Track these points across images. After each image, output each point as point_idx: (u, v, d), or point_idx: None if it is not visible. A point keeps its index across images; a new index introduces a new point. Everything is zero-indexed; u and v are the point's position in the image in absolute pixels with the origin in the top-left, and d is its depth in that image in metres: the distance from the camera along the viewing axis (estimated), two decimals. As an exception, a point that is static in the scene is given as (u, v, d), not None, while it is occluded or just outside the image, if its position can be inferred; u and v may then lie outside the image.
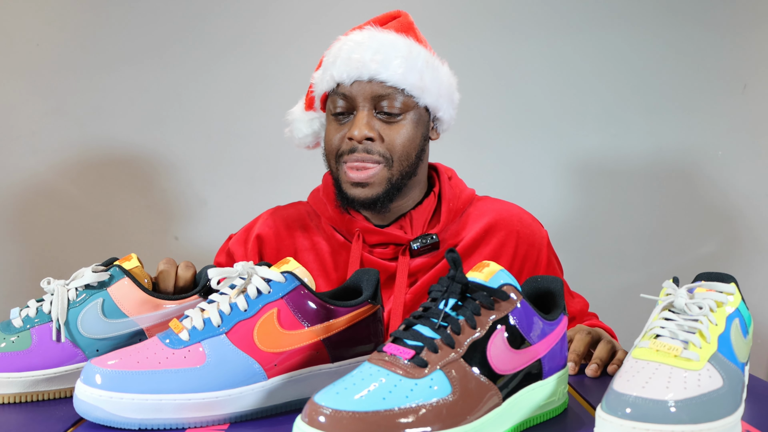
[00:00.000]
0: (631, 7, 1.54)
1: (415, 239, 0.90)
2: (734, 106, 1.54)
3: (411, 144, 0.87)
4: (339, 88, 0.86)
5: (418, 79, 0.86)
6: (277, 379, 0.53)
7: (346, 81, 0.85)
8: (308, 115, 0.95)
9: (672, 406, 0.40)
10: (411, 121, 0.87)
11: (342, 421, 0.40)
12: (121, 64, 1.47)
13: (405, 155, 0.87)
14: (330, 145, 0.89)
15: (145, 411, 0.49)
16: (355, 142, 0.84)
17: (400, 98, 0.85)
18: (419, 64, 0.86)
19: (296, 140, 0.96)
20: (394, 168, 0.86)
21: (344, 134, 0.87)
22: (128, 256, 0.64)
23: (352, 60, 0.84)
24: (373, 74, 0.84)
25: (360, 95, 0.85)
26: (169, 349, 0.51)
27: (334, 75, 0.85)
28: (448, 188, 0.94)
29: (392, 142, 0.86)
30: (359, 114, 0.85)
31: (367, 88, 0.85)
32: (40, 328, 0.59)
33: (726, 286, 0.50)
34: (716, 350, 0.46)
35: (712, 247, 1.55)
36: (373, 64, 0.84)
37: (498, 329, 0.47)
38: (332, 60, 0.87)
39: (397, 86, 0.85)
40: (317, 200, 0.97)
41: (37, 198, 1.47)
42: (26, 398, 0.57)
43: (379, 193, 0.86)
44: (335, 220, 0.93)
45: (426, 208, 0.92)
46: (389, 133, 0.86)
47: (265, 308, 0.53)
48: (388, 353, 0.45)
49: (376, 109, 0.86)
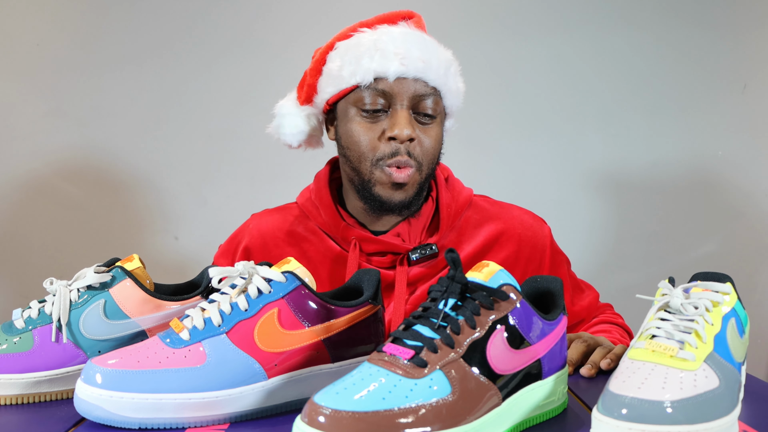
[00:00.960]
0: (631, 8, 1.54)
1: (414, 250, 0.86)
2: (734, 106, 1.54)
3: (438, 148, 0.86)
4: (377, 83, 0.80)
5: (453, 84, 0.85)
6: (277, 379, 0.53)
7: (390, 76, 0.80)
8: (304, 109, 0.88)
9: (668, 407, 0.40)
10: (440, 125, 0.85)
11: (342, 421, 0.40)
12: (121, 64, 1.48)
13: (433, 159, 0.85)
14: (360, 146, 0.82)
15: (145, 410, 0.49)
16: (398, 142, 0.80)
17: (435, 100, 0.83)
18: (452, 68, 0.85)
19: (287, 136, 0.88)
20: (423, 171, 0.84)
21: (380, 134, 0.82)
22: (130, 257, 0.65)
23: (398, 55, 0.80)
24: (420, 73, 0.80)
25: (402, 93, 0.80)
26: (169, 348, 0.52)
27: (376, 68, 0.80)
28: (446, 192, 0.91)
29: (426, 145, 0.83)
30: (400, 112, 0.81)
31: (411, 86, 0.81)
32: (42, 329, 0.59)
33: (722, 285, 0.50)
34: (712, 350, 0.46)
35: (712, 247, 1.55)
36: (420, 63, 0.80)
37: (498, 329, 0.47)
38: (367, 52, 0.81)
39: (438, 88, 0.83)
40: (308, 204, 0.92)
41: (37, 198, 1.47)
42: (28, 399, 0.58)
43: (410, 197, 0.84)
44: (329, 226, 0.89)
45: (424, 215, 0.89)
46: (424, 136, 0.83)
47: (265, 308, 0.53)
48: (388, 353, 0.45)
49: (413, 109, 0.82)
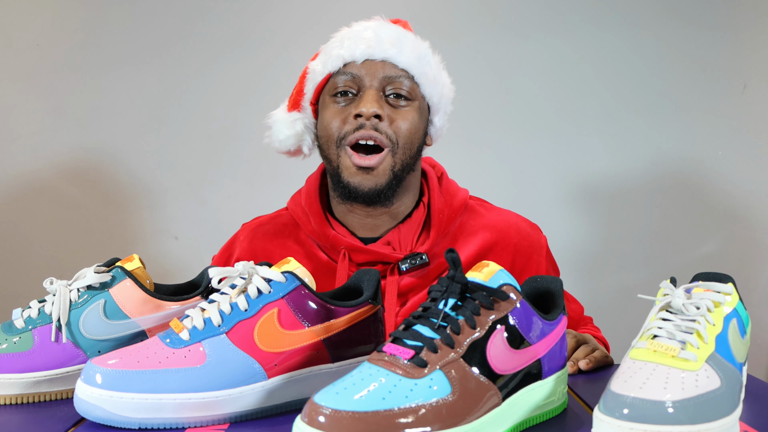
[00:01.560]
0: (631, 8, 1.54)
1: (404, 259, 0.83)
2: (734, 106, 1.54)
3: (416, 133, 0.83)
4: (346, 68, 0.82)
5: (428, 70, 0.84)
6: (277, 379, 0.53)
7: (358, 59, 0.81)
8: (291, 116, 0.89)
9: (670, 407, 0.40)
10: (416, 110, 0.83)
11: (342, 421, 0.40)
12: (121, 64, 1.48)
13: (409, 144, 0.82)
14: (329, 129, 0.82)
15: (145, 410, 0.49)
16: (363, 119, 0.79)
17: (410, 84, 0.82)
18: (428, 58, 0.85)
19: (277, 143, 0.90)
20: (398, 156, 0.81)
21: (347, 115, 0.81)
22: (130, 257, 0.64)
23: (366, 39, 0.81)
24: (388, 56, 0.81)
25: (370, 74, 0.81)
26: (169, 348, 0.51)
27: (344, 54, 0.81)
28: (438, 196, 0.88)
29: (399, 126, 0.81)
30: (368, 92, 0.80)
31: (379, 67, 0.81)
32: (41, 329, 0.59)
33: (723, 286, 0.50)
34: (714, 350, 0.46)
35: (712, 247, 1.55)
36: (387, 45, 0.81)
37: (497, 329, 0.47)
38: (338, 43, 0.83)
39: (408, 71, 0.82)
40: (298, 210, 0.90)
41: (37, 198, 1.47)
42: (28, 399, 0.58)
43: (383, 184, 0.81)
44: (318, 235, 0.86)
45: (415, 221, 0.87)
46: (396, 116, 0.81)
47: (265, 308, 0.53)
48: (388, 353, 0.45)
49: (384, 92, 0.82)
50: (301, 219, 0.89)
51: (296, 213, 0.90)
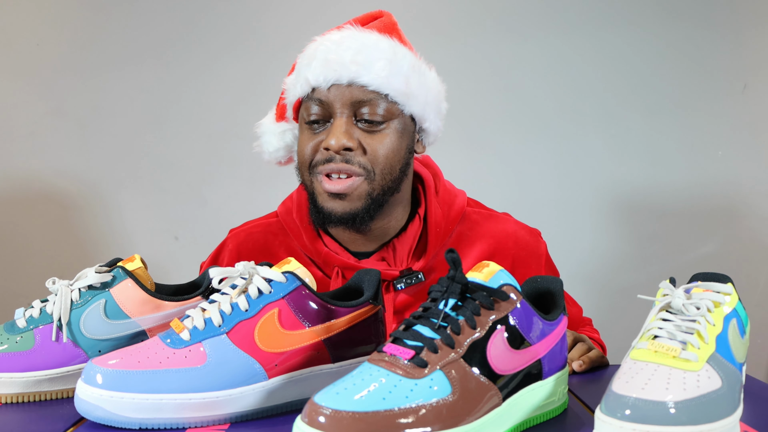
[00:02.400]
0: (631, 7, 1.54)
1: (399, 278, 0.81)
2: (734, 106, 1.54)
3: (395, 156, 0.78)
4: (314, 93, 0.77)
5: (403, 84, 0.77)
6: (277, 380, 0.53)
7: (322, 85, 0.76)
8: (279, 126, 0.85)
9: (671, 408, 0.40)
10: (395, 131, 0.78)
11: (342, 421, 0.40)
12: (121, 64, 1.48)
13: (388, 168, 0.78)
14: (303, 155, 0.80)
15: (145, 411, 0.49)
16: (332, 152, 0.76)
17: (383, 105, 0.77)
18: (404, 67, 0.78)
19: (266, 155, 0.87)
20: (376, 182, 0.77)
21: (319, 143, 0.78)
22: (131, 257, 0.64)
23: (330, 61, 0.76)
24: (354, 77, 0.75)
25: (338, 101, 0.76)
26: (170, 348, 0.51)
27: (309, 78, 0.77)
28: (435, 209, 0.84)
29: (374, 152, 0.77)
30: (337, 121, 0.76)
31: (347, 92, 0.76)
32: (43, 329, 0.59)
33: (723, 286, 0.50)
34: (714, 351, 0.46)
35: (712, 247, 1.55)
36: (353, 66, 0.75)
37: (498, 329, 0.47)
38: (306, 62, 0.78)
39: (379, 91, 0.76)
40: (290, 221, 0.87)
41: (37, 198, 1.47)
42: (28, 398, 0.58)
43: (358, 209, 0.77)
44: (310, 251, 0.84)
45: (410, 235, 0.83)
46: (371, 142, 0.77)
47: (266, 308, 0.53)
48: (388, 353, 0.45)
49: (356, 116, 0.77)
50: (292, 231, 0.87)
51: (287, 223, 0.87)
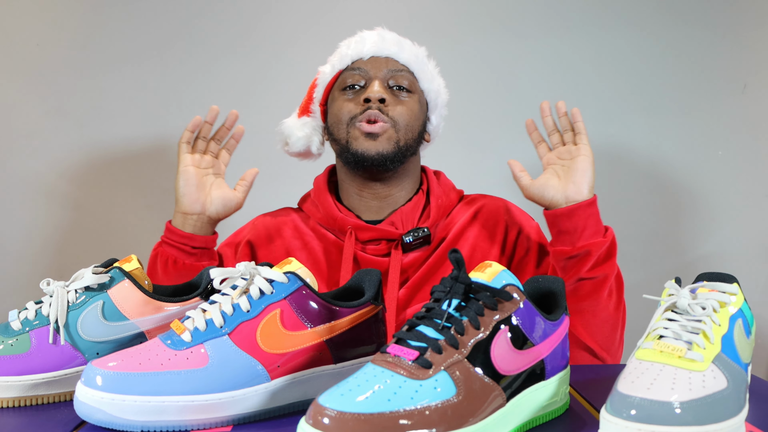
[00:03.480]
0: (631, 7, 1.54)
1: (407, 233, 0.93)
2: (734, 106, 1.54)
3: (416, 121, 0.95)
4: (355, 64, 0.95)
5: (425, 71, 0.97)
6: (280, 381, 0.53)
7: (365, 56, 0.94)
8: (300, 120, 1.01)
9: (677, 408, 0.40)
10: (416, 102, 0.95)
11: (346, 422, 0.39)
12: (121, 64, 1.47)
13: (410, 126, 0.93)
14: (340, 113, 0.94)
15: (147, 413, 0.48)
16: (371, 103, 0.91)
17: (410, 78, 0.95)
18: (426, 61, 0.98)
19: (291, 146, 1.01)
20: (401, 133, 0.92)
21: (357, 102, 0.93)
22: (128, 258, 0.64)
23: (370, 41, 0.95)
24: (391, 53, 0.94)
25: (376, 68, 0.94)
26: (171, 350, 0.51)
27: (351, 53, 0.95)
28: (437, 185, 0.99)
29: (401, 111, 0.92)
30: (374, 82, 0.93)
31: (383, 63, 0.94)
32: (39, 331, 0.58)
33: (729, 286, 0.50)
34: (720, 351, 0.45)
35: (712, 247, 1.55)
36: (391, 45, 0.95)
37: (501, 329, 0.47)
38: (346, 46, 0.96)
39: (409, 66, 0.95)
40: (308, 204, 1.01)
41: (37, 198, 1.47)
42: (26, 402, 0.57)
43: (388, 150, 0.91)
44: (327, 220, 0.97)
45: (416, 204, 0.97)
46: (398, 104, 0.93)
47: (267, 309, 0.53)
48: (392, 354, 0.45)
49: (388, 84, 0.94)
50: (311, 211, 1.00)
51: (307, 207, 1.01)
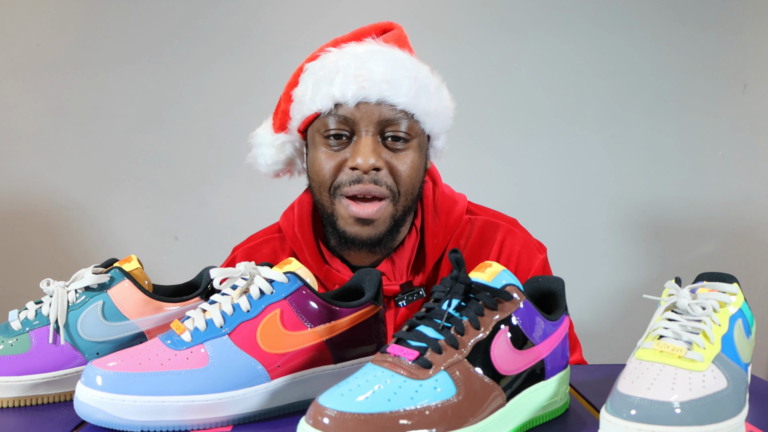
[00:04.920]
0: (631, 7, 1.54)
1: (401, 296, 0.80)
2: (734, 106, 1.54)
3: (417, 175, 0.78)
4: (338, 109, 0.74)
5: (428, 104, 0.76)
6: (280, 381, 0.53)
7: (350, 101, 0.73)
8: (278, 138, 0.82)
9: (677, 408, 0.40)
10: (416, 149, 0.77)
11: (347, 423, 0.39)
12: (121, 64, 1.47)
13: (411, 188, 0.77)
14: (321, 175, 0.76)
15: (147, 413, 0.48)
16: (360, 172, 0.73)
17: (408, 124, 0.75)
18: (429, 87, 0.77)
19: (263, 167, 0.83)
20: (400, 203, 0.77)
21: (340, 162, 0.75)
22: (128, 258, 0.64)
23: (358, 77, 0.73)
24: (384, 96, 0.73)
25: (365, 118, 0.73)
26: (171, 350, 0.51)
27: (335, 94, 0.73)
28: (432, 221, 0.83)
29: (400, 173, 0.75)
30: (364, 139, 0.74)
31: (375, 111, 0.73)
32: (39, 331, 0.58)
33: (729, 286, 0.50)
34: (720, 351, 0.45)
35: (712, 247, 1.55)
36: (383, 85, 0.73)
37: (501, 329, 0.47)
38: (327, 76, 0.74)
39: (407, 110, 0.74)
40: (291, 234, 0.85)
41: (37, 198, 1.47)
42: (26, 402, 0.57)
43: (382, 232, 0.76)
44: (312, 268, 0.82)
45: (407, 248, 0.82)
46: (396, 162, 0.75)
47: (267, 309, 0.53)
48: (392, 354, 0.45)
49: (381, 135, 0.75)
50: (295, 245, 0.85)
51: (290, 236, 0.85)
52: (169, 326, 0.59)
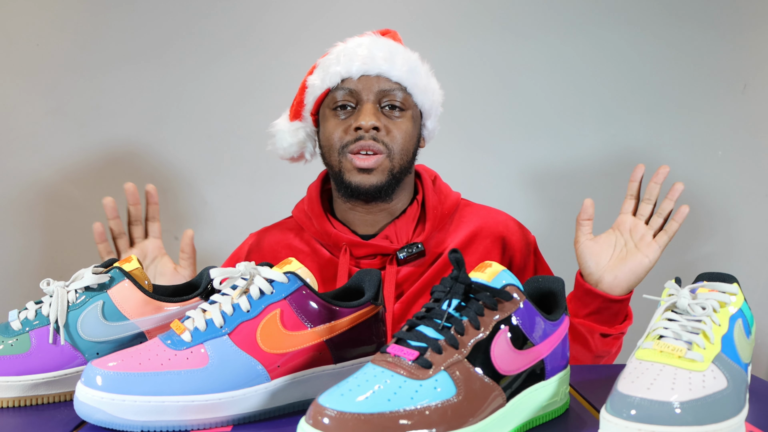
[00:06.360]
0: (631, 7, 1.54)
1: (401, 249, 0.91)
2: (734, 106, 1.54)
3: (410, 140, 0.91)
4: (344, 83, 0.90)
5: (419, 81, 0.92)
6: (280, 381, 0.53)
7: (354, 75, 0.89)
8: (293, 125, 0.97)
9: (677, 408, 0.40)
10: (410, 119, 0.92)
11: (347, 423, 0.39)
12: (121, 64, 1.47)
13: (405, 150, 0.91)
14: (331, 139, 0.91)
15: (147, 413, 0.48)
16: (363, 131, 0.87)
17: (402, 95, 0.90)
18: (418, 69, 0.93)
19: (280, 151, 0.98)
20: (395, 160, 0.90)
21: (347, 127, 0.89)
22: (128, 258, 0.64)
23: (360, 56, 0.89)
24: (382, 70, 0.89)
25: (367, 89, 0.89)
26: (171, 350, 0.51)
27: (341, 71, 0.89)
28: (432, 194, 0.96)
29: (395, 134, 0.89)
30: (365, 106, 0.89)
31: (374, 82, 0.89)
32: (39, 331, 0.58)
33: (729, 286, 0.50)
34: (720, 351, 0.45)
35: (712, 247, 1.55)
36: (382, 62, 0.89)
37: (501, 329, 0.47)
38: (335, 59, 0.90)
39: (401, 83, 0.90)
40: (302, 215, 0.99)
41: (37, 198, 1.47)
42: (26, 402, 0.57)
43: (382, 182, 0.89)
44: (321, 234, 0.94)
45: (410, 216, 0.94)
46: (392, 126, 0.90)
47: (267, 309, 0.53)
48: (392, 354, 0.45)
49: (380, 104, 0.90)
50: (304, 223, 0.97)
51: (300, 218, 0.98)
52: (169, 326, 0.59)
